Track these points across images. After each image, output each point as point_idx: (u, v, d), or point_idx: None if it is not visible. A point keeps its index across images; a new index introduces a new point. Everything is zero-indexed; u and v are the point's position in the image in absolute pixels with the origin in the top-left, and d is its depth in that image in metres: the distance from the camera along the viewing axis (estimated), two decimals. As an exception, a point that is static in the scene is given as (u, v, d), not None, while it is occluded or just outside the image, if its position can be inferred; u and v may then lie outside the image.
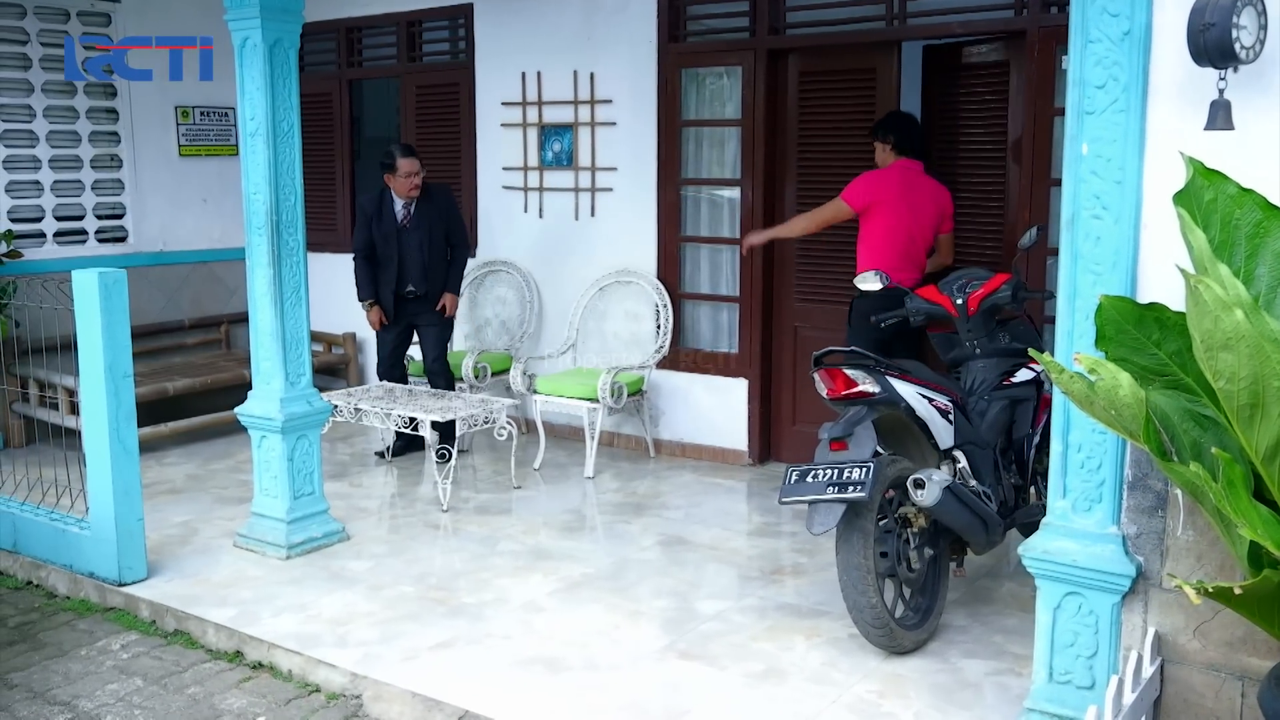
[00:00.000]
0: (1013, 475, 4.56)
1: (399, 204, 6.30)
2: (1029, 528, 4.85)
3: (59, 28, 7.20)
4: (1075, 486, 3.09)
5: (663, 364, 6.62)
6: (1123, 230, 2.92)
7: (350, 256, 6.52)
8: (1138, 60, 2.85)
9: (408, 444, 6.68)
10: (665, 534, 5.31)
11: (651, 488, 6.09)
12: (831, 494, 3.70)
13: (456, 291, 6.47)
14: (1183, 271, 2.39)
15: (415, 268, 6.33)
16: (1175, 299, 2.73)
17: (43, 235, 7.28)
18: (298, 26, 4.86)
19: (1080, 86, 2.94)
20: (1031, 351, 2.74)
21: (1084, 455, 3.06)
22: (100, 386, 4.53)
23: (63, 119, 7.31)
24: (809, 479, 3.77)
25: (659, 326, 6.62)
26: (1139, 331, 2.75)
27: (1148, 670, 2.98)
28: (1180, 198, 2.60)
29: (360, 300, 6.48)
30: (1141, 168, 2.89)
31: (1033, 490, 4.72)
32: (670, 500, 5.84)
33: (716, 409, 6.54)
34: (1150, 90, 2.87)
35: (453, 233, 6.40)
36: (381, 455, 6.69)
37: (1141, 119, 2.88)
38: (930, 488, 3.77)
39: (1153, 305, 2.73)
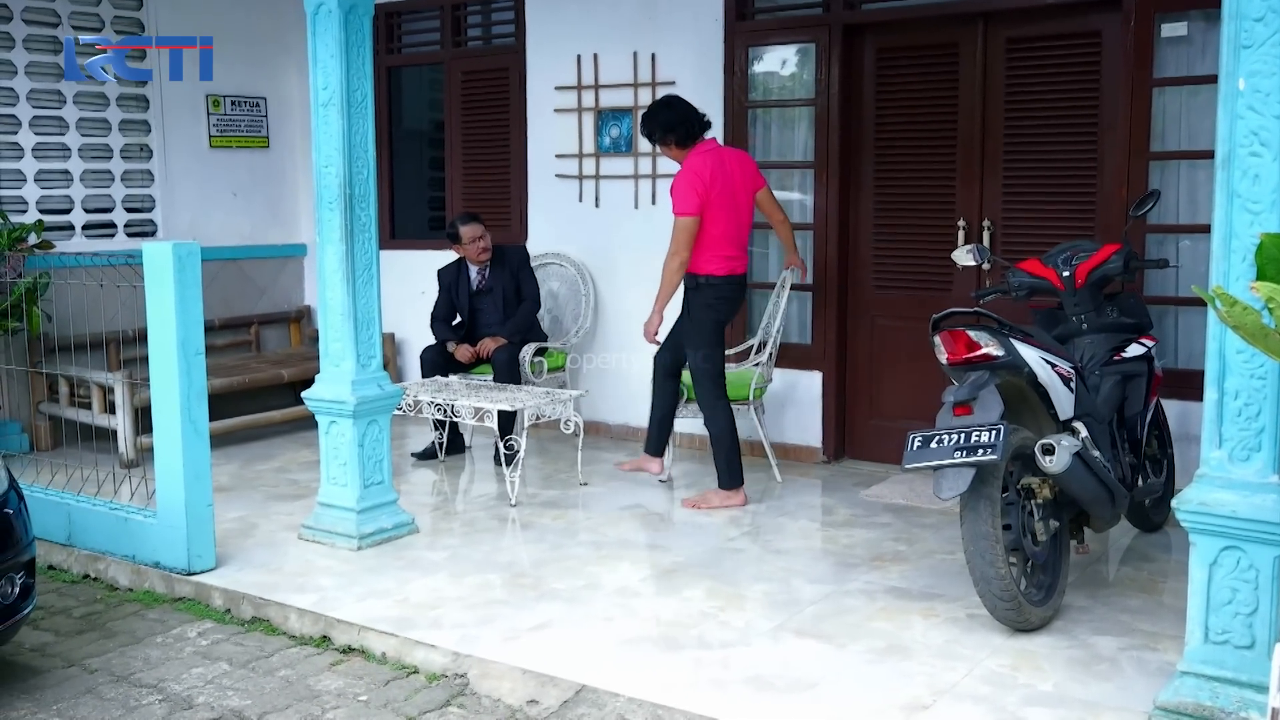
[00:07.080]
0: (1127, 454, 4.65)
1: (474, 270, 6.89)
2: (1139, 510, 4.96)
3: (91, 26, 7.38)
4: (1232, 435, 3.18)
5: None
6: (1283, 166, 3.04)
7: (377, 254, 6.66)
8: (1300, -10, 2.97)
9: (448, 446, 6.77)
10: (751, 525, 5.40)
11: (725, 484, 6.16)
12: (960, 458, 3.78)
13: (508, 337, 6.73)
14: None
15: (493, 328, 6.81)
16: (1341, 236, 2.84)
17: (71, 228, 7.39)
18: (374, -7, 5.01)
19: (1236, 20, 3.06)
20: (1195, 289, 2.83)
21: (1241, 402, 3.16)
22: (172, 364, 4.63)
23: (93, 105, 7.46)
24: (934, 444, 3.86)
25: (726, 317, 6.71)
26: (1302, 270, 2.85)
27: (1316, 623, 3.06)
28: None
29: (442, 342, 6.83)
30: (1303, 101, 3.01)
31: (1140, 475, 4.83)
32: (748, 494, 5.91)
33: (788, 404, 6.63)
34: (1312, 21, 3.00)
35: (523, 286, 6.90)
36: (420, 456, 6.78)
37: (1303, 51, 3.00)
38: (1060, 453, 3.85)
39: (1319, 241, 2.83)
